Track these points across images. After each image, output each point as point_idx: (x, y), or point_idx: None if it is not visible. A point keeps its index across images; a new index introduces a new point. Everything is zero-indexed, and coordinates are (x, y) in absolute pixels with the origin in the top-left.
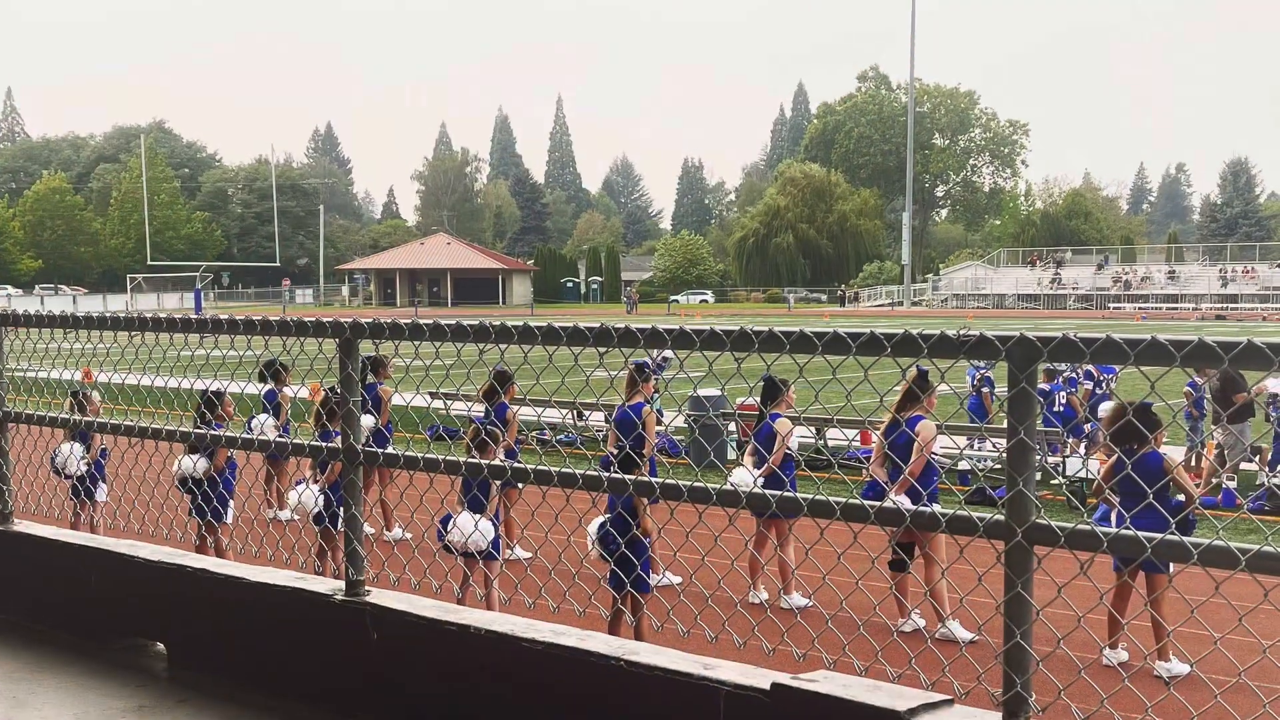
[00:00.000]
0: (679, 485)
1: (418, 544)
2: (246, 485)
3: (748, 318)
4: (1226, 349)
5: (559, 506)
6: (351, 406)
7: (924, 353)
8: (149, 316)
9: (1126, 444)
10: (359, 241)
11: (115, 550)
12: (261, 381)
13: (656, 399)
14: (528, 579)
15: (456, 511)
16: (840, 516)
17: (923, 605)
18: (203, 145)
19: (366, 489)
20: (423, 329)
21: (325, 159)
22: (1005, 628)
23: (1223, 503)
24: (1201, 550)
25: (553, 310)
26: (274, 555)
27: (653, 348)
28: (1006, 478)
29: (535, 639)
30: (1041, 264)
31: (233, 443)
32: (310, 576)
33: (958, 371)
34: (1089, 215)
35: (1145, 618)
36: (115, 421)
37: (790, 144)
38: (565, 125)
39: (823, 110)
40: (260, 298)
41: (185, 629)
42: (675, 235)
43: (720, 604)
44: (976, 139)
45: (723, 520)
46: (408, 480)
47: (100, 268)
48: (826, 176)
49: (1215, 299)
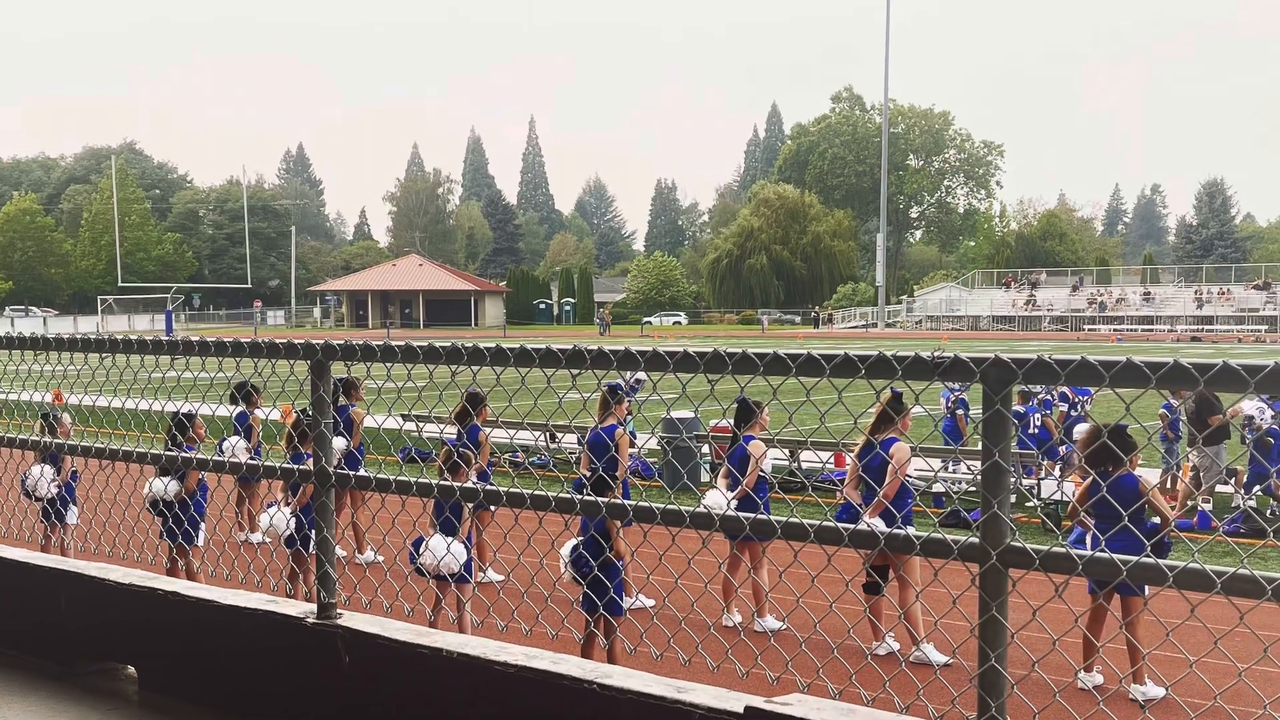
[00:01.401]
0: (652, 508)
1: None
2: (218, 508)
3: (721, 339)
4: (1202, 371)
5: (532, 529)
6: (323, 429)
7: (898, 375)
8: (120, 338)
9: (1101, 466)
10: (331, 263)
11: (86, 573)
12: (233, 404)
13: (629, 421)
14: (500, 602)
15: (429, 534)
16: (814, 539)
17: (897, 628)
18: (173, 166)
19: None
20: (394, 351)
21: (297, 180)
22: (980, 651)
23: (1198, 525)
24: (1177, 573)
25: (525, 332)
26: (245, 578)
27: (626, 370)
28: (981, 500)
29: (508, 662)
30: (1016, 285)
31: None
32: (282, 600)
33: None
34: (1064, 236)
35: (1121, 640)
36: (86, 444)
37: (764, 165)
38: (538, 146)
39: (797, 131)
40: (232, 319)
41: (156, 653)
42: (648, 256)
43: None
44: (951, 160)
45: (696, 543)
46: (380, 503)
47: (71, 289)
48: (800, 198)
49: (1190, 320)
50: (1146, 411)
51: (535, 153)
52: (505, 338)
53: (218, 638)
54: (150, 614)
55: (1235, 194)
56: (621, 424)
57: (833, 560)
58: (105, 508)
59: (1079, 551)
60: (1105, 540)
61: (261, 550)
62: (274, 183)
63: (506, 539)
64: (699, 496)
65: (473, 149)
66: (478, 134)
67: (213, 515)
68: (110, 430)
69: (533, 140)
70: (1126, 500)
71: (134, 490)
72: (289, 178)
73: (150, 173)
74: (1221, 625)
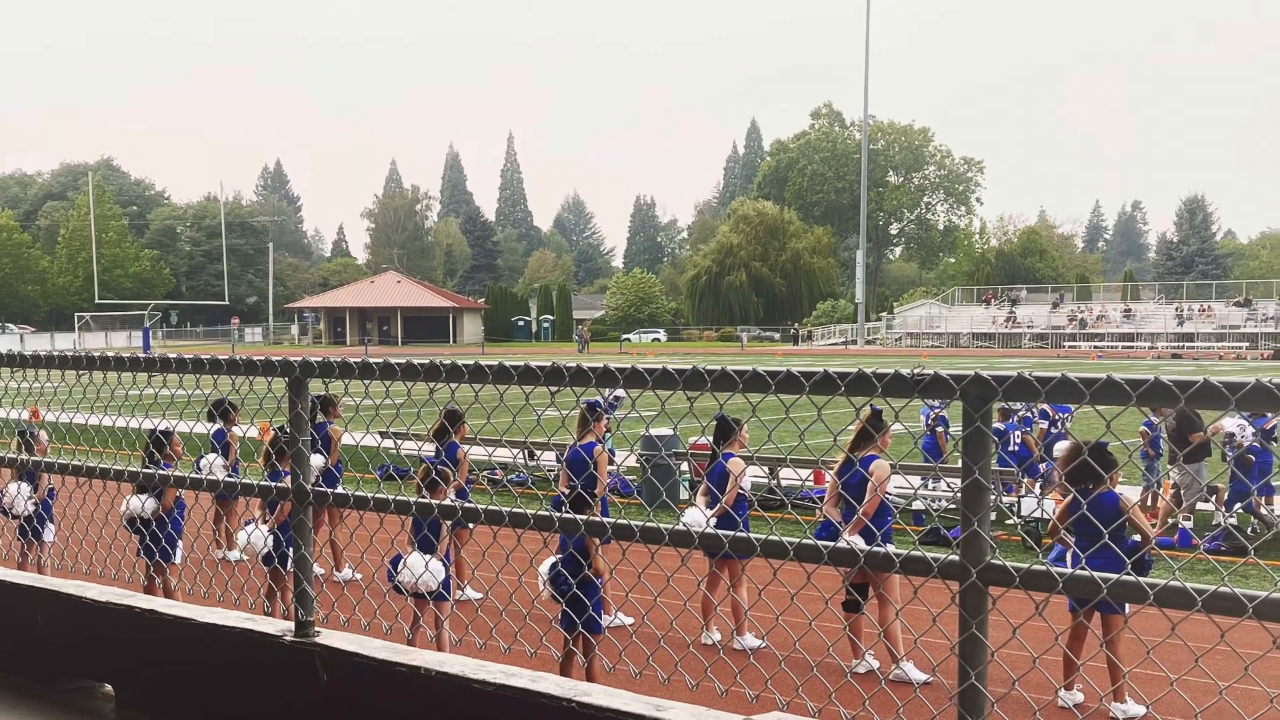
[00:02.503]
0: (631, 525)
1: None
2: (195, 525)
3: (700, 356)
4: (1182, 388)
5: (510, 547)
6: (301, 446)
7: (878, 392)
8: (97, 355)
9: (1082, 484)
10: (308, 280)
11: (63, 590)
12: (210, 421)
13: (609, 438)
14: (479, 620)
15: (407, 552)
16: (794, 557)
17: (877, 646)
18: (151, 183)
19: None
20: (372, 368)
21: (274, 196)
22: (960, 669)
23: (1179, 543)
24: (1157, 591)
25: (503, 349)
26: (223, 596)
27: (604, 387)
28: (961, 518)
29: (486, 680)
30: (996, 302)
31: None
32: (260, 617)
33: (912, 411)
34: (1044, 253)
35: (1101, 658)
36: (63, 461)
37: (744, 181)
38: (516, 162)
39: (776, 147)
40: (209, 336)
41: (133, 670)
42: (627, 273)
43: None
44: (931, 176)
45: (675, 561)
46: (358, 520)
47: (48, 306)
48: (780, 214)
49: (1171, 337)
50: (1127, 429)
51: (514, 169)
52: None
53: (195, 656)
54: (127, 632)
55: (1216, 210)
56: (600, 441)
57: (812, 578)
58: (82, 525)
59: (1059, 569)
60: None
61: (239, 568)
62: (252, 199)
63: (485, 556)
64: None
65: (451, 165)
66: (456, 150)
67: (190, 533)
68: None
69: (511, 157)
70: (1107, 518)
71: (111, 508)
72: (267, 194)
73: (127, 189)
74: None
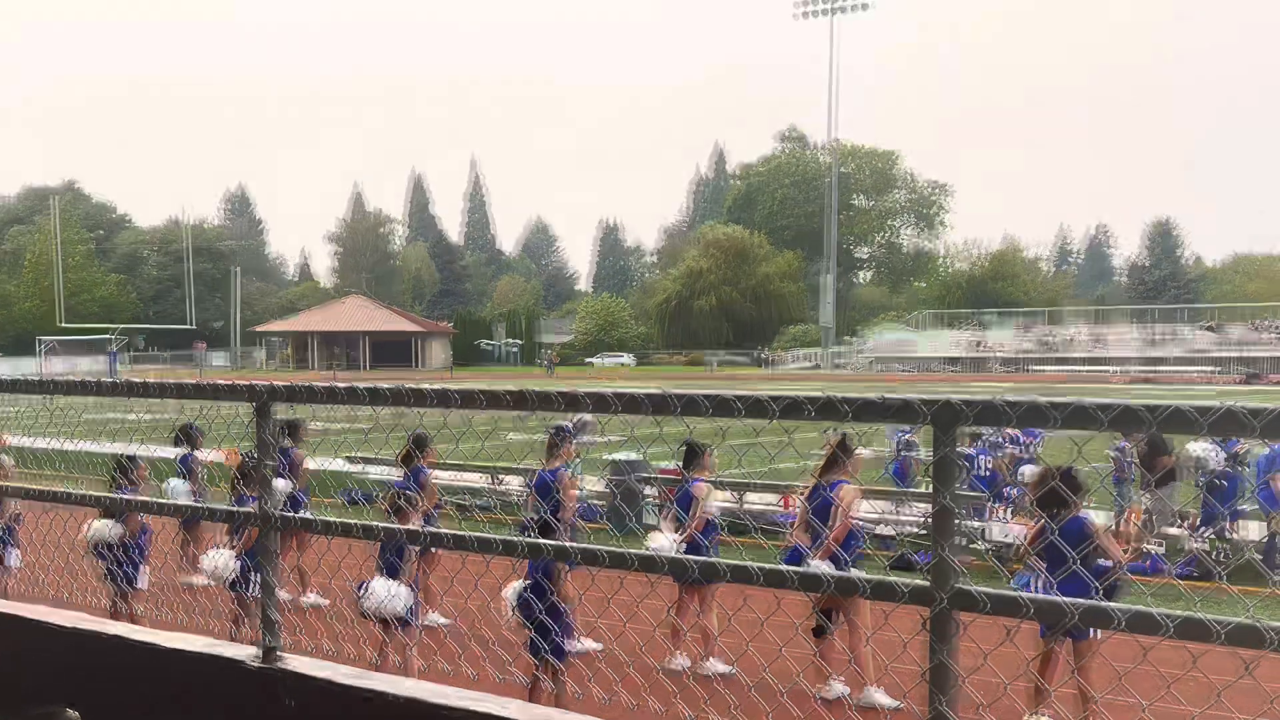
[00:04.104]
0: (598, 550)
1: (334, 610)
2: (161, 550)
3: (668, 380)
4: (1152, 413)
5: (477, 572)
6: (267, 471)
7: (846, 417)
8: (62, 380)
9: (1051, 509)
10: (274, 304)
11: (27, 616)
12: (176, 445)
13: (576, 463)
14: (445, 645)
15: (373, 577)
16: (762, 582)
17: (845, 672)
18: (114, 206)
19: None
20: (339, 393)
21: (239, 220)
22: (929, 694)
23: (1149, 568)
24: (1128, 616)
25: (470, 373)
26: (188, 621)
27: (571, 412)
28: (931, 543)
29: (452, 706)
30: (965, 326)
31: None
32: (225, 643)
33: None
34: (1013, 277)
35: (1072, 684)
36: (28, 486)
37: (712, 205)
38: (480, 186)
39: (744, 171)
40: (176, 361)
41: (98, 696)
42: (595, 298)
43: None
44: (899, 200)
45: (643, 586)
46: (324, 545)
47: (13, 331)
48: (748, 238)
49: (1140, 362)
50: (1096, 453)
51: (478, 192)
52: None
53: (161, 681)
54: (93, 657)
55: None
56: (567, 466)
57: (781, 604)
58: (49, 550)
59: (1028, 594)
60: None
61: (205, 593)
62: (216, 223)
63: (452, 582)
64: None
65: (415, 188)
66: (419, 172)
67: (156, 558)
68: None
69: (475, 180)
70: (1076, 543)
71: (77, 533)
72: (232, 218)
73: (92, 214)
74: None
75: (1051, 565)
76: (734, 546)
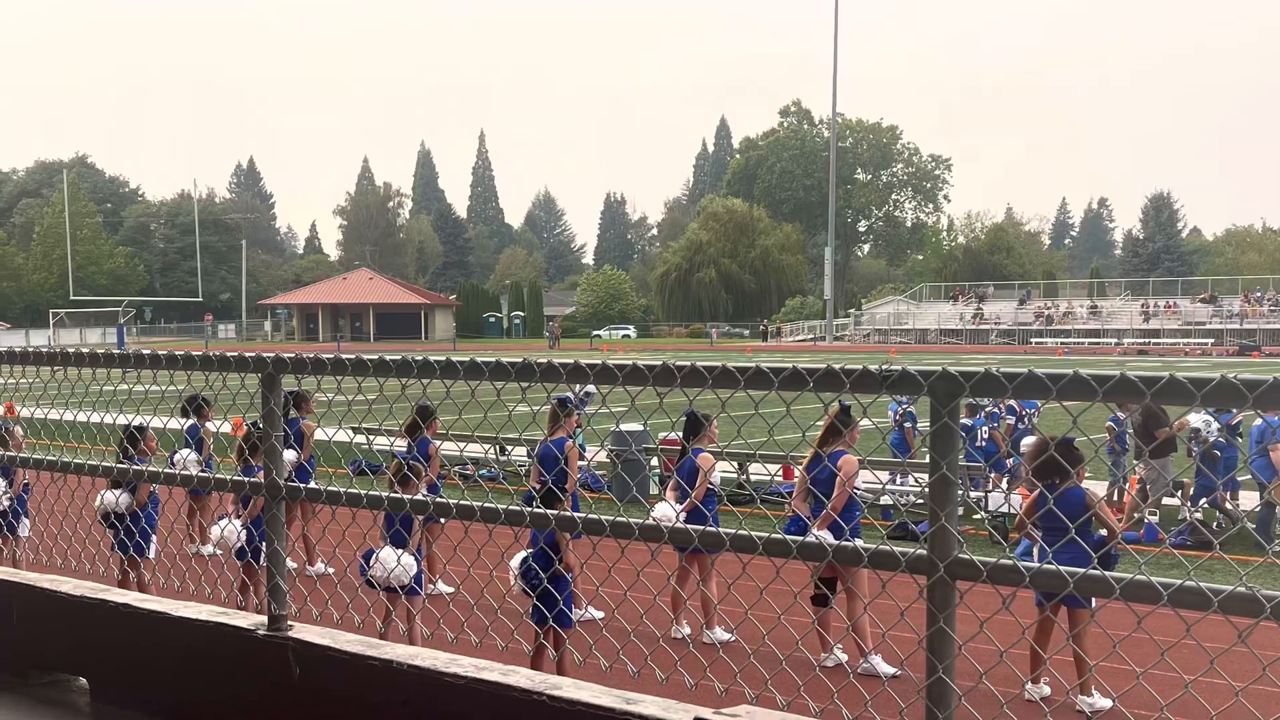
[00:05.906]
0: (601, 520)
1: (340, 579)
2: (169, 520)
3: (670, 352)
4: (1149, 384)
5: (481, 541)
6: (274, 441)
7: (846, 388)
8: (71, 351)
9: (1049, 479)
10: (281, 276)
11: (37, 585)
12: (184, 416)
13: (579, 434)
14: (450, 614)
15: (379, 546)
16: (763, 551)
17: (845, 640)
18: (125, 180)
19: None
20: (345, 364)
21: (248, 194)
22: (928, 662)
23: (1145, 538)
24: (1124, 585)
25: (475, 345)
26: (197, 590)
27: (575, 382)
28: (929, 513)
29: (458, 674)
30: (964, 299)
31: (155, 478)
32: (233, 611)
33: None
34: (1011, 250)
35: (1068, 652)
36: (38, 456)
37: (713, 179)
38: (488, 160)
39: (745, 145)
40: (183, 333)
41: (107, 664)
42: (598, 270)
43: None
44: (899, 174)
45: (645, 555)
46: (330, 515)
47: (23, 303)
48: (749, 211)
49: (1137, 334)
50: (1094, 424)
51: (485, 166)
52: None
53: (169, 649)
54: (101, 626)
55: (1182, 208)
56: (571, 437)
57: (781, 572)
58: (57, 520)
59: (1026, 564)
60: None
61: (213, 562)
62: (225, 196)
63: (456, 551)
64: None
65: (423, 162)
66: (427, 147)
67: (164, 528)
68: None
69: (482, 154)
70: (1073, 513)
71: (85, 503)
72: (240, 191)
73: (102, 186)
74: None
75: (1049, 535)
76: (735, 516)
